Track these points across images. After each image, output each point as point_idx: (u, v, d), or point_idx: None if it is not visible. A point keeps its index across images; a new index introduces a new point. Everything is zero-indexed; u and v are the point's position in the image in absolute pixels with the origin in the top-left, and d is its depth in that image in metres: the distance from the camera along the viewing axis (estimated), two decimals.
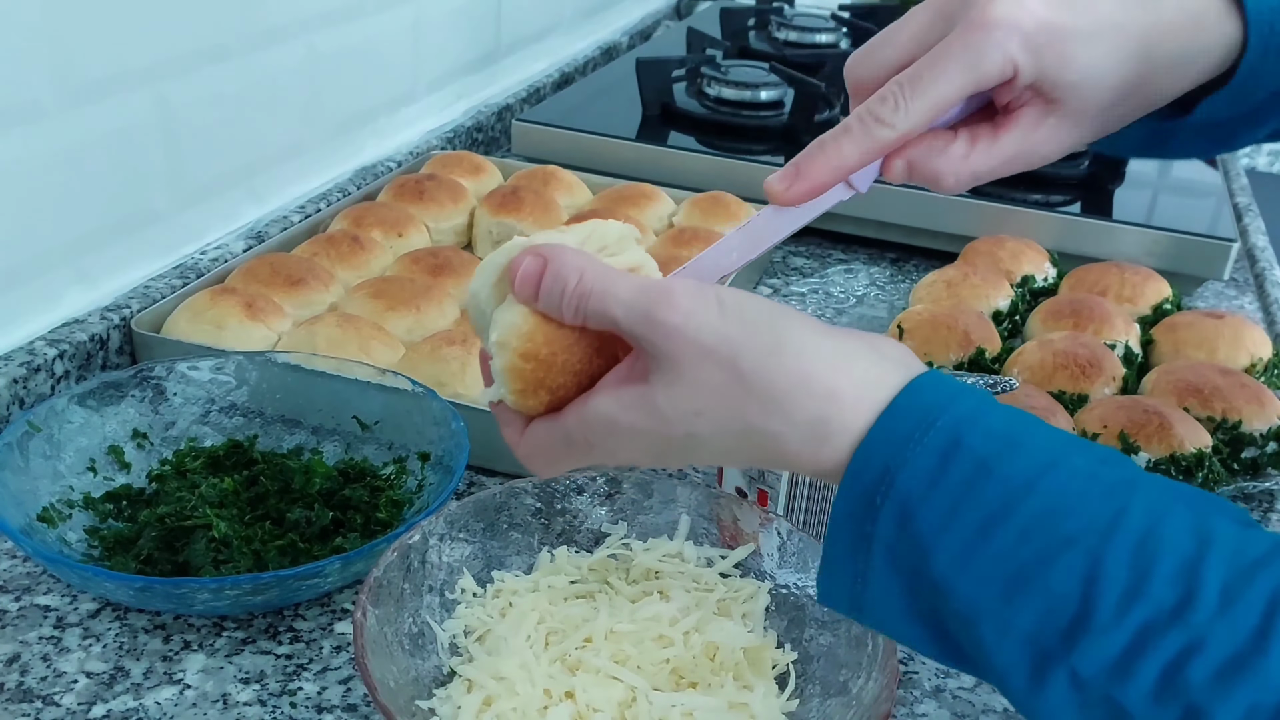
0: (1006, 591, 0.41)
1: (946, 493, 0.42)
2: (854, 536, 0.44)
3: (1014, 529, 0.41)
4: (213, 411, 0.81)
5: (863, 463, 0.44)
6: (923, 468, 0.43)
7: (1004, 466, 0.42)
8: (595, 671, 0.60)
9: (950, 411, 0.43)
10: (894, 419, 0.44)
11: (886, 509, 0.43)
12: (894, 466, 0.43)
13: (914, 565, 0.43)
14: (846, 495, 0.44)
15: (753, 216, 0.56)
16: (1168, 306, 1.05)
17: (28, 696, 0.62)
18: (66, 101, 0.85)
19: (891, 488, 0.43)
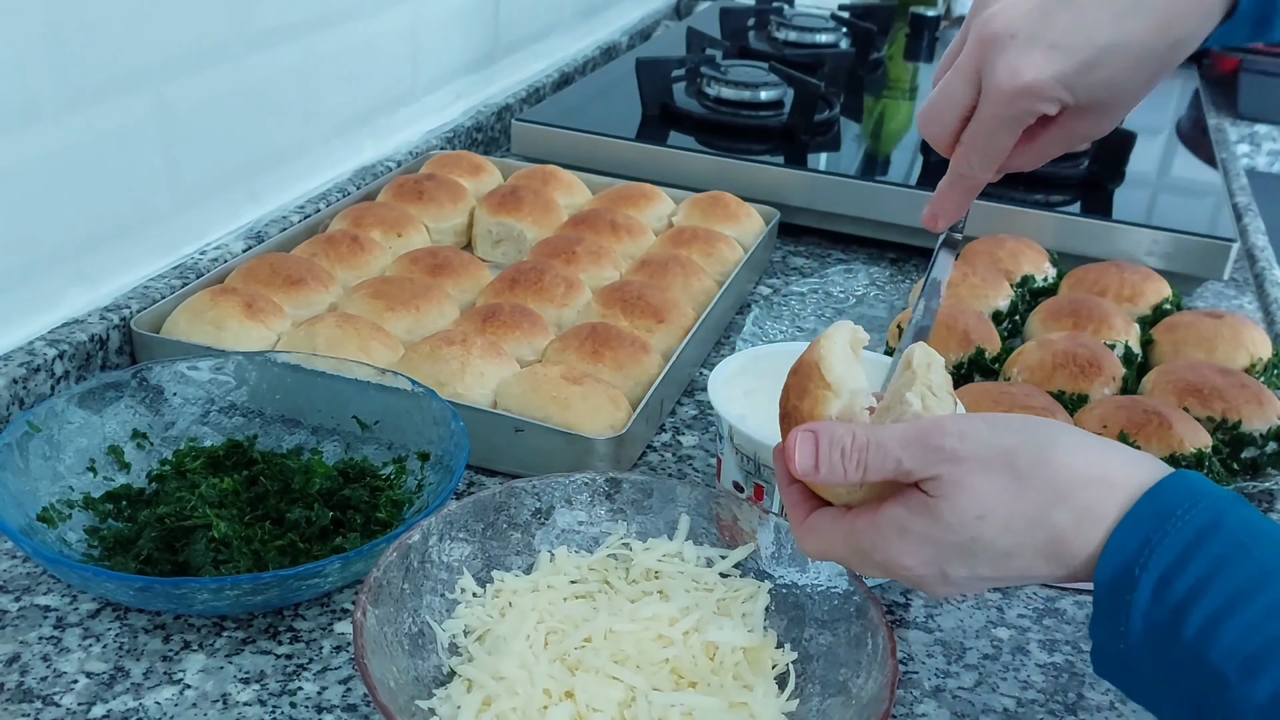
0: (1249, 664, 0.44)
1: (1202, 564, 0.45)
2: (1115, 604, 0.47)
3: (1262, 605, 0.44)
4: (212, 411, 0.81)
5: (1125, 534, 0.47)
6: (1182, 540, 0.46)
7: (1260, 550, 0.45)
8: (595, 671, 0.60)
9: (1212, 495, 0.47)
10: (1158, 497, 0.48)
11: (1145, 578, 0.46)
12: (1155, 538, 0.46)
13: (1168, 632, 0.46)
14: (1108, 563, 0.47)
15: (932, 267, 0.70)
16: (1167, 306, 1.05)
17: (28, 696, 0.62)
18: (66, 103, 0.85)
19: (1151, 557, 0.46)
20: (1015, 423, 0.51)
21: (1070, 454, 0.49)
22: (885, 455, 0.51)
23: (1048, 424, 0.51)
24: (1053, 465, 0.49)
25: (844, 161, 1.32)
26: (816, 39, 1.67)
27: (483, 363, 0.85)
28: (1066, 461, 0.49)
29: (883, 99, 1.59)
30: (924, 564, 0.51)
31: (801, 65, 1.47)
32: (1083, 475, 0.48)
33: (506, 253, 1.12)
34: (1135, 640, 0.47)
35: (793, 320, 1.10)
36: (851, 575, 0.63)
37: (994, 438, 0.50)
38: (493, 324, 0.91)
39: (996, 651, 0.71)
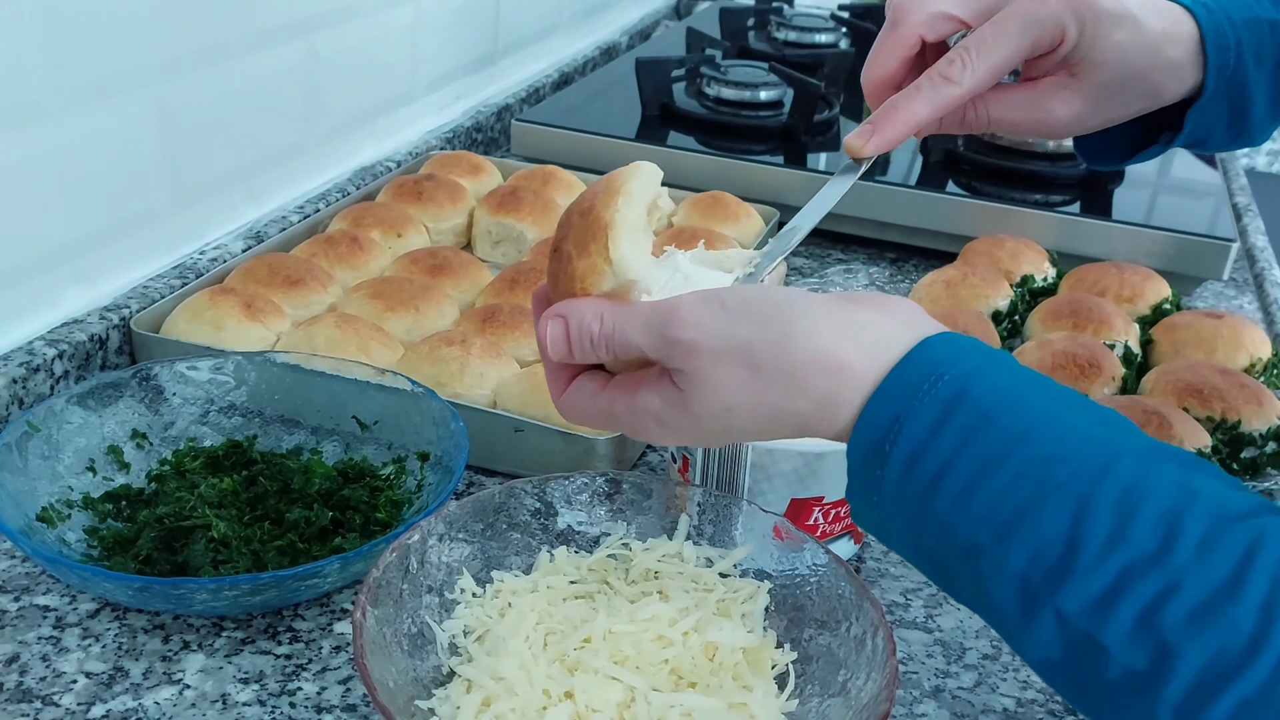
0: (1000, 532, 0.44)
1: (949, 438, 0.45)
2: (866, 481, 0.48)
3: (1009, 473, 0.44)
4: (212, 412, 0.81)
5: (874, 411, 0.47)
6: (929, 416, 0.46)
7: (1004, 417, 0.45)
8: (594, 672, 0.60)
9: (959, 365, 0.46)
10: (904, 372, 0.47)
11: (895, 455, 0.46)
12: (903, 415, 0.46)
13: (919, 506, 0.46)
14: (859, 442, 0.47)
15: (823, 187, 0.64)
16: (1167, 306, 1.05)
17: (27, 696, 0.62)
18: (65, 102, 0.85)
19: (900, 434, 0.46)
20: (754, 306, 0.49)
21: (807, 340, 0.48)
22: (629, 344, 0.51)
23: (787, 306, 0.49)
24: (789, 354, 0.48)
25: (843, 161, 1.31)
26: (816, 39, 1.67)
27: (482, 363, 0.85)
28: (803, 349, 0.48)
29: None
30: (684, 442, 0.53)
31: (801, 65, 1.47)
32: (820, 363, 0.48)
33: (506, 253, 1.12)
34: (888, 510, 0.47)
35: None
36: (851, 574, 0.63)
37: (730, 327, 0.49)
38: (492, 324, 0.91)
39: (996, 651, 0.71)
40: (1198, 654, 0.40)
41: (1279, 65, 0.68)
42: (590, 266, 0.53)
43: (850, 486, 0.49)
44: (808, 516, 0.72)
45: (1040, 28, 0.62)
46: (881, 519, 0.48)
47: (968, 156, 1.30)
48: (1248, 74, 0.67)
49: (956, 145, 1.32)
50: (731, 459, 0.72)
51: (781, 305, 0.49)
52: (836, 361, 0.48)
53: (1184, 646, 0.40)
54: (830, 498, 0.72)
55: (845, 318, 0.49)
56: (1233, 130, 0.70)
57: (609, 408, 0.53)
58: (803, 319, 0.48)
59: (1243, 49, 0.66)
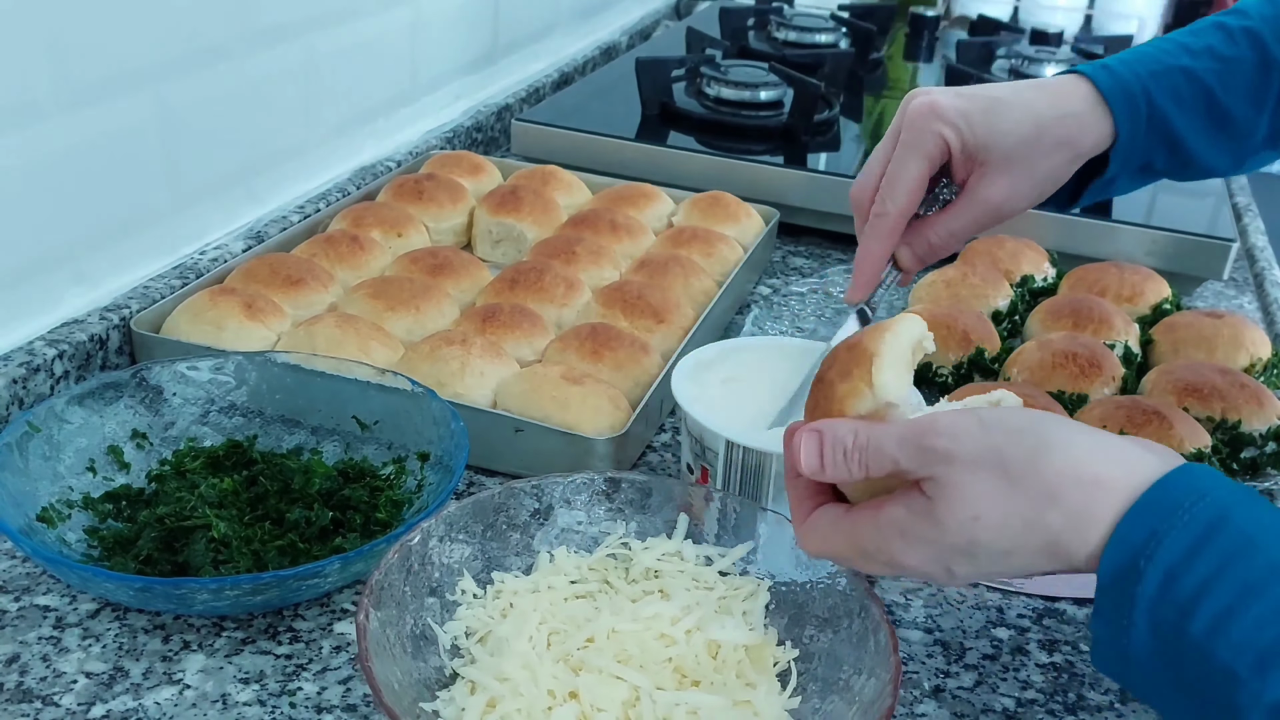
0: (1260, 661, 0.43)
1: (1210, 560, 0.45)
2: (1119, 598, 0.47)
3: (1273, 601, 0.44)
4: (212, 412, 0.81)
5: (1130, 527, 0.47)
6: (1189, 535, 0.45)
7: (1269, 545, 0.45)
8: (599, 671, 0.60)
9: (1219, 490, 0.46)
10: (1163, 491, 0.47)
11: (1150, 571, 0.46)
12: (1161, 531, 0.46)
13: (1175, 627, 0.45)
14: (1112, 557, 0.47)
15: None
16: (1167, 306, 1.05)
17: (27, 697, 0.62)
18: (66, 102, 0.85)
19: (1158, 550, 0.46)
20: (1009, 420, 0.50)
21: (1063, 454, 0.49)
22: (883, 455, 0.52)
23: (1042, 420, 0.50)
24: (1044, 466, 0.49)
25: (844, 161, 1.32)
26: (816, 39, 1.68)
27: (482, 363, 0.85)
28: (1058, 461, 0.48)
29: (882, 99, 1.59)
30: (927, 562, 0.52)
31: (801, 65, 1.47)
32: (1074, 475, 0.48)
33: (506, 253, 1.12)
34: (1139, 636, 0.46)
35: (792, 320, 1.10)
36: (851, 572, 0.63)
37: (985, 437, 0.50)
38: (493, 324, 0.91)
39: (996, 652, 0.71)
40: None
41: (1208, 106, 0.77)
42: (851, 389, 0.54)
43: (1097, 609, 0.48)
44: None
45: (924, 144, 0.74)
46: (1130, 643, 0.47)
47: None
48: (1169, 114, 0.76)
49: None
50: (755, 469, 0.71)
51: (1037, 420, 0.50)
52: (1092, 475, 0.48)
53: None
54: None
55: (1101, 437, 0.50)
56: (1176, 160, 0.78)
57: (852, 529, 0.54)
58: (1058, 433, 0.49)
59: (1153, 95, 0.76)
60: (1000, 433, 0.50)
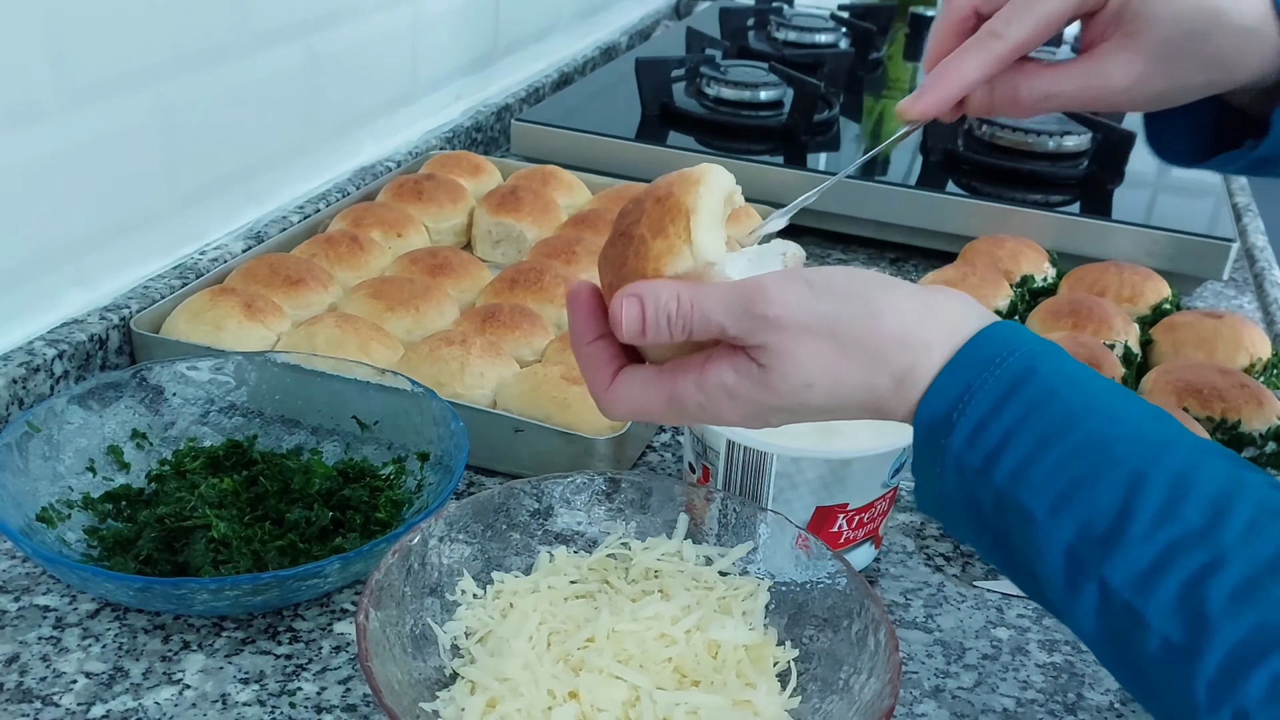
0: (1055, 503, 0.45)
1: (1014, 410, 0.46)
2: (932, 449, 0.49)
3: (1068, 446, 0.45)
4: (212, 412, 0.81)
5: (946, 382, 0.48)
6: (998, 388, 0.47)
7: (1068, 394, 0.46)
8: (599, 671, 0.60)
9: (1028, 345, 0.48)
10: (977, 347, 0.49)
11: (962, 424, 0.47)
12: (974, 385, 0.48)
13: (980, 475, 0.47)
14: (927, 412, 0.49)
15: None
16: (1167, 306, 1.05)
17: (27, 697, 0.62)
18: (66, 102, 0.85)
19: (970, 403, 0.47)
20: (838, 284, 0.50)
21: (893, 319, 0.49)
22: (709, 321, 0.50)
23: (870, 284, 0.50)
24: (874, 331, 0.49)
25: (844, 161, 1.32)
26: (816, 39, 1.67)
27: (482, 363, 0.85)
28: (888, 326, 0.49)
29: (882, 99, 1.59)
30: (748, 418, 0.52)
31: (801, 65, 1.47)
32: (902, 339, 0.49)
33: (506, 253, 1.12)
34: (950, 483, 0.48)
35: None
36: (853, 572, 0.63)
37: (816, 304, 0.49)
38: (492, 324, 0.91)
39: (996, 651, 0.71)
40: (1236, 629, 0.41)
41: None
42: (667, 247, 0.51)
43: (915, 460, 0.50)
44: (832, 523, 0.72)
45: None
46: (942, 490, 0.49)
47: (968, 156, 1.30)
48: None
49: (956, 145, 1.32)
50: (756, 468, 0.71)
51: (866, 283, 0.50)
52: (918, 337, 0.49)
53: (1223, 621, 0.41)
54: (855, 504, 0.72)
55: (926, 298, 0.51)
56: None
57: (671, 390, 0.52)
58: (887, 297, 0.50)
59: None
60: (830, 299, 0.50)
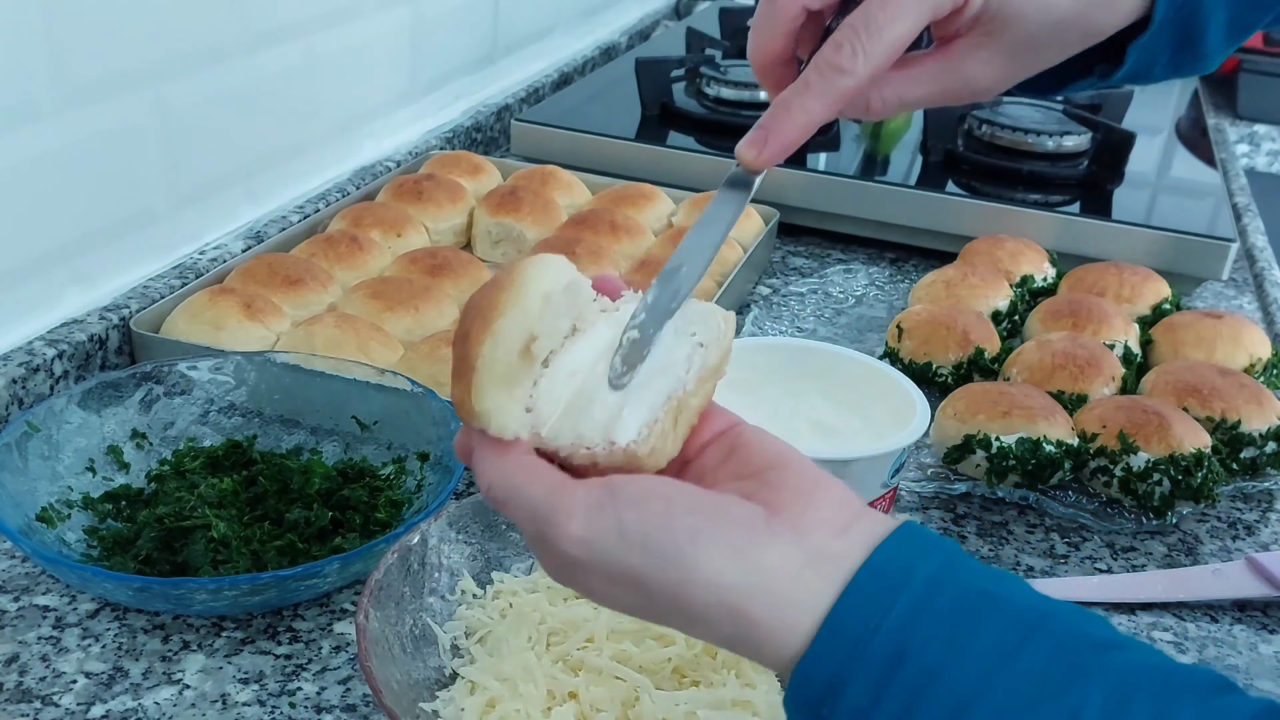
0: None
1: (895, 703, 0.39)
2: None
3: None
4: (211, 412, 0.80)
5: (807, 672, 0.40)
6: (869, 679, 0.39)
7: (953, 670, 0.39)
8: (598, 671, 0.60)
9: (894, 614, 0.39)
10: (841, 625, 0.40)
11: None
12: (842, 679, 0.39)
13: None
14: (795, 701, 0.41)
15: (708, 207, 0.53)
16: (1167, 306, 1.05)
17: (26, 697, 0.62)
18: (65, 102, 0.85)
19: (840, 699, 0.39)
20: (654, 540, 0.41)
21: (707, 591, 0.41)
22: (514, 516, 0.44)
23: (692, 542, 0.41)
24: (686, 602, 0.41)
25: (843, 161, 1.32)
26: None
27: None
28: (701, 599, 0.41)
29: None
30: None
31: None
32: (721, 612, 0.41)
33: (506, 253, 1.12)
34: None
35: (792, 320, 1.10)
36: None
37: (625, 555, 0.41)
38: None
39: None
40: None
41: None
42: (463, 402, 0.44)
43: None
44: None
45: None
46: None
47: (968, 156, 1.30)
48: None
49: (956, 145, 1.32)
50: None
51: (684, 544, 0.41)
52: (740, 613, 0.41)
53: None
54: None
55: (749, 567, 0.41)
56: (1177, 60, 0.61)
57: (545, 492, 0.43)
58: (704, 565, 0.41)
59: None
60: (640, 554, 0.41)
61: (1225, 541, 0.82)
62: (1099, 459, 0.82)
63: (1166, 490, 0.81)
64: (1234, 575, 0.76)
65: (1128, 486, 0.81)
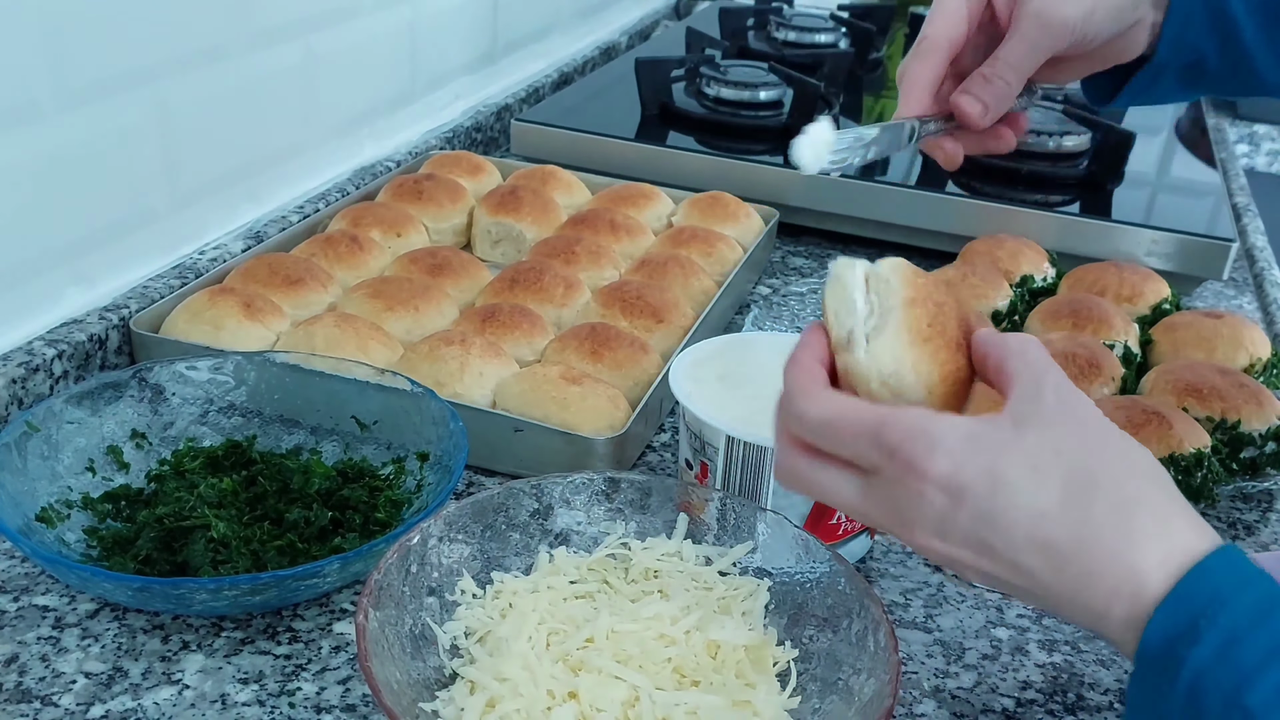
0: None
1: (1275, 628, 0.43)
2: (1161, 663, 0.44)
3: None
4: (211, 412, 0.80)
5: (1189, 588, 0.44)
6: (1254, 600, 0.43)
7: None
8: (598, 671, 0.59)
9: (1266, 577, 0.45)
10: (1226, 560, 0.45)
11: (1210, 635, 0.43)
12: (1226, 593, 0.43)
13: (1229, 696, 0.42)
14: (1165, 618, 0.44)
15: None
16: (1167, 306, 1.05)
17: (26, 697, 0.62)
18: (65, 102, 0.85)
19: (1221, 612, 0.43)
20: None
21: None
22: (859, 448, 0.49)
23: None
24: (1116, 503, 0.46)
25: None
26: (816, 39, 1.67)
27: (482, 363, 0.85)
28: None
29: (882, 99, 1.59)
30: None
31: (801, 65, 1.47)
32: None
33: (506, 253, 1.12)
34: (1175, 705, 0.44)
35: (792, 320, 1.10)
36: (852, 571, 0.63)
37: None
38: (492, 324, 0.91)
39: (996, 651, 0.71)
40: None
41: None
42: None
43: (1136, 678, 0.45)
44: (830, 515, 0.72)
45: (1054, 47, 0.68)
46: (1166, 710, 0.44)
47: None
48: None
49: None
50: (755, 463, 0.71)
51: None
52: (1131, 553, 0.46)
53: None
54: None
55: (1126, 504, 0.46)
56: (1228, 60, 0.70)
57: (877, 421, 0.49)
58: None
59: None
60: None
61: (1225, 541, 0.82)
62: None
63: None
64: None
65: None
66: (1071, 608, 0.47)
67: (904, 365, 0.50)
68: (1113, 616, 0.46)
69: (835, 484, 0.50)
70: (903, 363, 0.50)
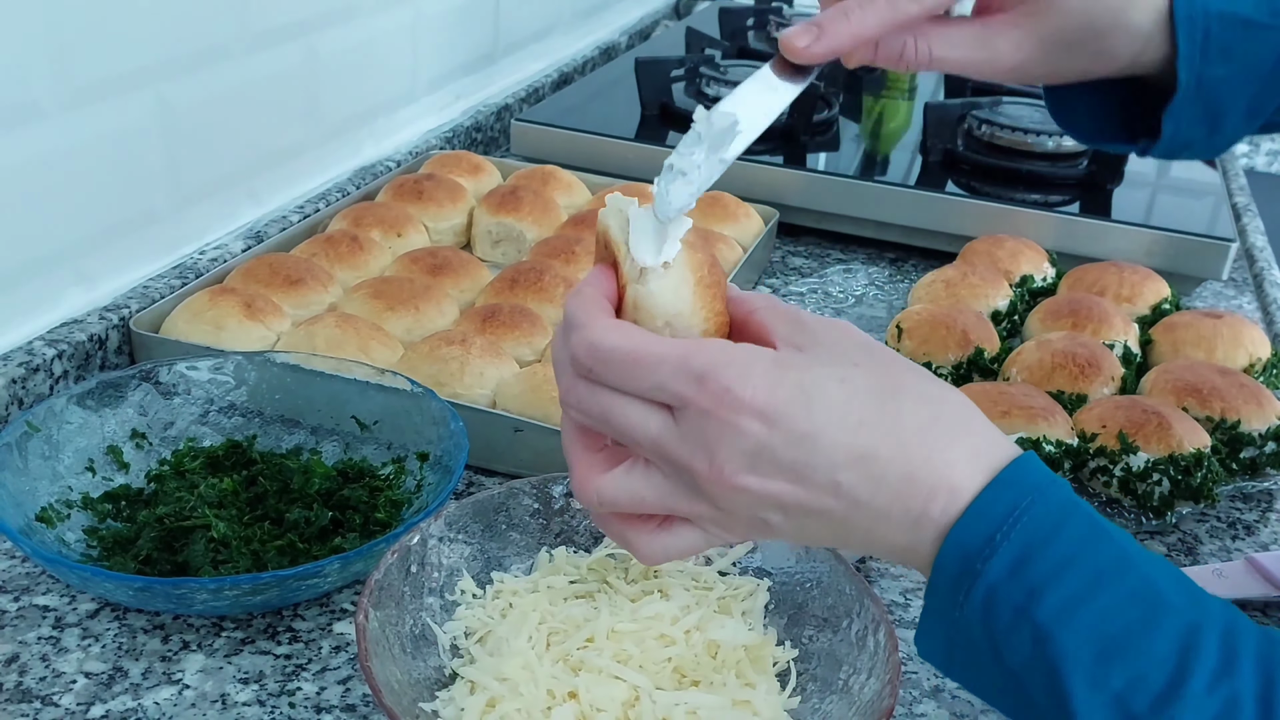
0: (1105, 649, 0.42)
1: (1065, 544, 0.43)
2: (958, 576, 0.44)
3: (1123, 590, 0.43)
4: (211, 412, 0.81)
5: (988, 502, 0.44)
6: (1046, 515, 0.44)
7: (1116, 534, 0.44)
8: (598, 671, 0.60)
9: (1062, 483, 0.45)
10: (1019, 471, 0.45)
11: (1005, 550, 0.43)
12: (1021, 510, 0.44)
13: (1016, 612, 0.43)
14: (964, 532, 0.44)
15: (759, 75, 0.58)
16: (1166, 306, 1.05)
17: (26, 697, 0.62)
18: (66, 102, 0.85)
19: (1014, 529, 0.43)
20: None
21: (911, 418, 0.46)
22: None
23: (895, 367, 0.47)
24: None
25: (843, 161, 1.32)
26: None
27: (482, 363, 0.85)
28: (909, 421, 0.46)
29: (881, 99, 1.59)
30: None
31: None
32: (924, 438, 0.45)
33: (506, 253, 1.12)
34: (973, 615, 0.44)
35: None
36: (852, 572, 0.63)
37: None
38: (492, 324, 0.91)
39: None
40: None
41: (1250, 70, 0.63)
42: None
43: (933, 588, 0.45)
44: None
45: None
46: (958, 624, 0.45)
47: (968, 156, 1.30)
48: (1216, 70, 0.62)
49: (956, 145, 1.32)
50: None
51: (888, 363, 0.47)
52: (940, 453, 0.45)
53: None
54: None
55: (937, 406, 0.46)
56: (1212, 140, 0.66)
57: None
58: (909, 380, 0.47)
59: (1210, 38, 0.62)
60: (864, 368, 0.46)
61: (1225, 541, 0.82)
62: (1098, 459, 0.82)
63: (1166, 490, 0.81)
64: (1234, 575, 0.76)
65: (1127, 486, 0.82)
66: (887, 524, 0.46)
67: (692, 305, 0.49)
68: (930, 517, 0.45)
69: (638, 416, 0.46)
70: (689, 303, 0.49)
